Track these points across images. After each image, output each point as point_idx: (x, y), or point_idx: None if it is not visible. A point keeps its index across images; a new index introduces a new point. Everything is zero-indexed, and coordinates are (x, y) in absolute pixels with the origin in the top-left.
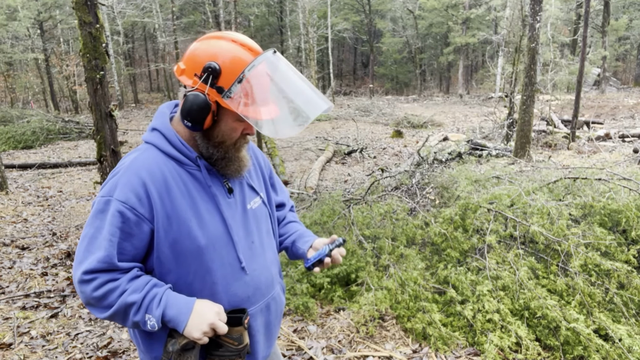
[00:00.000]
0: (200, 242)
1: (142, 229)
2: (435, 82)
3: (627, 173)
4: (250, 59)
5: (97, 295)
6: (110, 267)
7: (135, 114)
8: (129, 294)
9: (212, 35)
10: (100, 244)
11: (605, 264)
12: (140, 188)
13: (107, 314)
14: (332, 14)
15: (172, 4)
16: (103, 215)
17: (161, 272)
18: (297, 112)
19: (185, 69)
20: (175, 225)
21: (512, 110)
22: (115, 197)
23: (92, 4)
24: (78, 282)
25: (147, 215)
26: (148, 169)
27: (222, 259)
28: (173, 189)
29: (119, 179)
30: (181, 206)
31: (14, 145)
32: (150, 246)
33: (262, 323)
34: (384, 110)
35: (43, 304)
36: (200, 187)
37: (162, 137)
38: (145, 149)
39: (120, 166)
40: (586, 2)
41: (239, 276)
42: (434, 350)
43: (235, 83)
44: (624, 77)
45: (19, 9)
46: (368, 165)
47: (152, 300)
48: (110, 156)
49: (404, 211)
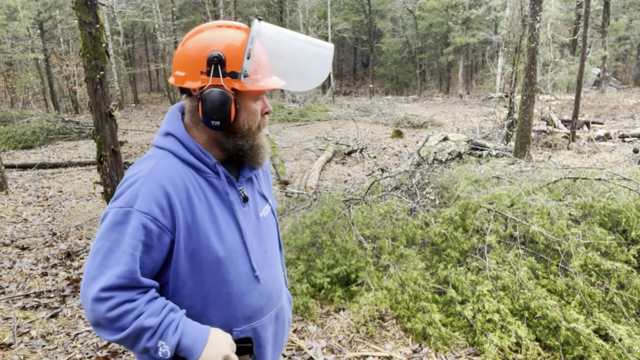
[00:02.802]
0: (219, 253)
1: (163, 241)
2: (435, 82)
3: (627, 173)
4: (241, 35)
5: (110, 316)
6: (131, 284)
7: (135, 114)
8: (146, 318)
9: (193, 32)
10: (119, 259)
11: (605, 264)
12: (163, 198)
13: (117, 337)
14: (332, 14)
15: (172, 4)
16: (122, 227)
17: (176, 284)
18: (309, 65)
19: (186, 75)
20: (194, 236)
21: (512, 110)
22: (136, 208)
23: (92, 4)
24: (93, 300)
25: (169, 226)
26: (169, 178)
27: (237, 270)
28: (193, 198)
29: (139, 189)
30: (201, 217)
31: (14, 145)
32: (167, 258)
33: (272, 333)
34: (384, 110)
35: (43, 304)
36: (218, 195)
37: (179, 143)
38: (162, 156)
39: (137, 175)
40: (586, 2)
41: (254, 286)
42: (434, 350)
43: (245, 60)
44: (624, 77)
45: (19, 9)
46: (368, 165)
47: (169, 326)
48: (110, 156)
49: (404, 211)
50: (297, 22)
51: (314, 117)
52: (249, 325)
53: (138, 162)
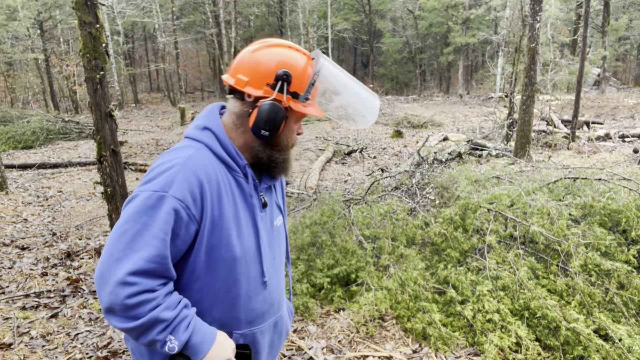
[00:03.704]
0: (236, 252)
1: (190, 230)
2: (435, 82)
3: (627, 173)
4: (305, 60)
5: (128, 303)
6: (159, 270)
7: (135, 114)
8: (162, 310)
9: (266, 44)
10: (148, 242)
11: (605, 264)
12: (197, 188)
13: (128, 325)
14: (332, 14)
15: (172, 4)
16: (154, 211)
17: (190, 278)
18: (357, 107)
19: (249, 81)
20: (217, 231)
21: (512, 110)
22: (171, 194)
23: (92, 4)
24: (116, 283)
25: (197, 217)
26: (205, 170)
27: (249, 272)
28: (223, 194)
29: (176, 176)
30: (227, 213)
31: (14, 145)
32: (187, 250)
33: (268, 341)
34: (384, 110)
35: (43, 304)
36: (243, 196)
37: (216, 140)
38: (198, 148)
39: (173, 161)
40: (586, 2)
41: (260, 291)
42: (434, 350)
43: (309, 86)
44: (624, 77)
45: (19, 9)
46: (368, 165)
47: (181, 322)
48: (110, 156)
49: (404, 211)
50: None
51: (314, 117)
52: (249, 329)
53: (171, 150)
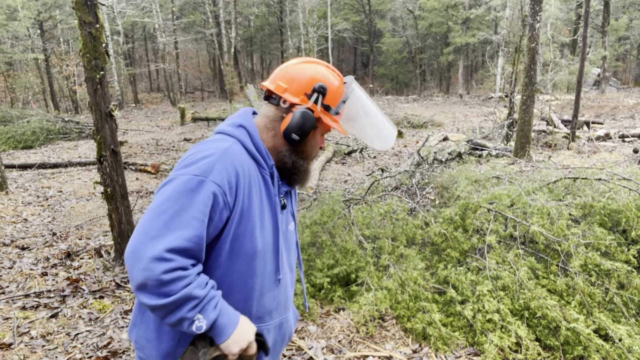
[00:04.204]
0: (257, 245)
1: (222, 217)
2: (435, 82)
3: (627, 173)
4: (340, 82)
5: (164, 279)
6: (195, 250)
7: (135, 114)
8: (194, 288)
9: (310, 61)
10: (187, 222)
11: (605, 264)
12: (234, 177)
13: (160, 302)
14: (332, 14)
15: (172, 4)
16: (193, 194)
17: (213, 265)
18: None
19: (288, 88)
20: (244, 222)
21: (512, 110)
22: (211, 179)
23: (92, 4)
24: (152, 258)
25: (231, 204)
26: (240, 162)
27: (265, 267)
28: (253, 187)
29: (216, 163)
30: (254, 206)
31: (14, 145)
32: (215, 236)
33: (272, 340)
34: (384, 110)
35: (43, 304)
36: (268, 194)
37: (249, 137)
38: (233, 142)
39: (211, 150)
40: (586, 2)
41: (273, 287)
42: (434, 350)
43: (341, 103)
44: (624, 77)
45: (19, 9)
46: (368, 165)
47: (210, 301)
48: (110, 156)
49: (404, 211)
50: (297, 22)
51: None
52: (257, 325)
53: (206, 141)
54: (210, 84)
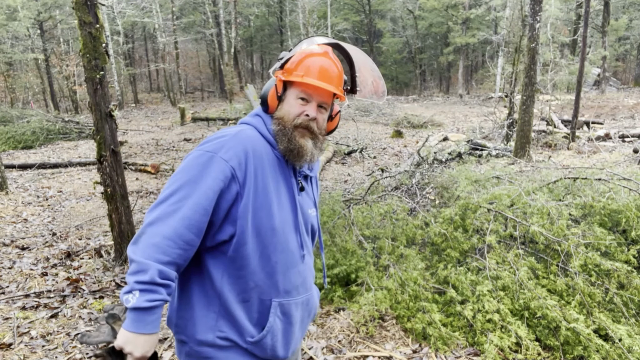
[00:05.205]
0: (275, 222)
1: (231, 190)
2: (435, 82)
3: (627, 173)
4: (306, 49)
5: (154, 240)
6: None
7: (135, 114)
8: (157, 269)
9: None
10: (194, 192)
11: (605, 264)
12: (243, 154)
13: (134, 257)
14: (332, 14)
15: (172, 4)
16: (202, 167)
17: (240, 240)
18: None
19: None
20: (260, 199)
21: (512, 110)
22: (220, 155)
23: (92, 4)
24: (157, 218)
25: (240, 179)
26: (252, 143)
27: (288, 244)
28: (266, 167)
29: (226, 142)
30: (269, 185)
31: (14, 145)
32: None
33: (300, 316)
34: (384, 110)
35: (43, 304)
36: (284, 175)
37: (263, 124)
38: (248, 128)
39: (225, 133)
40: (586, 2)
41: (297, 263)
42: (434, 350)
43: (298, 65)
44: (624, 77)
45: (19, 9)
46: (368, 165)
47: (152, 292)
48: (110, 156)
49: (404, 211)
50: (297, 22)
51: None
52: (285, 299)
53: (223, 129)
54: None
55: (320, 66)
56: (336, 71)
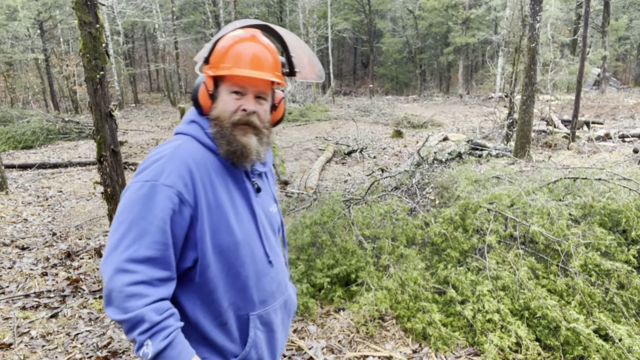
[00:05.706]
0: (237, 236)
1: (184, 215)
2: (435, 82)
3: (627, 173)
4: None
5: (125, 292)
6: (159, 256)
7: (135, 114)
8: (150, 311)
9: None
10: (145, 229)
11: (605, 264)
12: (187, 174)
13: (120, 317)
14: (332, 14)
15: (172, 4)
16: (147, 200)
17: (203, 265)
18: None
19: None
20: (215, 216)
21: (512, 110)
22: (161, 182)
23: (92, 4)
24: (116, 270)
25: (190, 201)
26: (193, 157)
27: (254, 254)
28: (215, 179)
29: (165, 165)
30: (221, 198)
31: (14, 145)
32: (189, 236)
33: (280, 319)
34: (384, 110)
35: (43, 304)
36: (236, 181)
37: (201, 130)
38: (185, 140)
39: (161, 153)
40: (586, 2)
41: (267, 270)
42: (434, 350)
43: (220, 56)
44: (624, 77)
45: (19, 9)
46: (368, 165)
47: (163, 330)
48: (110, 156)
49: (404, 211)
50: (297, 22)
51: (313, 117)
52: (263, 309)
53: (161, 144)
54: None
55: (250, 53)
56: (269, 56)
